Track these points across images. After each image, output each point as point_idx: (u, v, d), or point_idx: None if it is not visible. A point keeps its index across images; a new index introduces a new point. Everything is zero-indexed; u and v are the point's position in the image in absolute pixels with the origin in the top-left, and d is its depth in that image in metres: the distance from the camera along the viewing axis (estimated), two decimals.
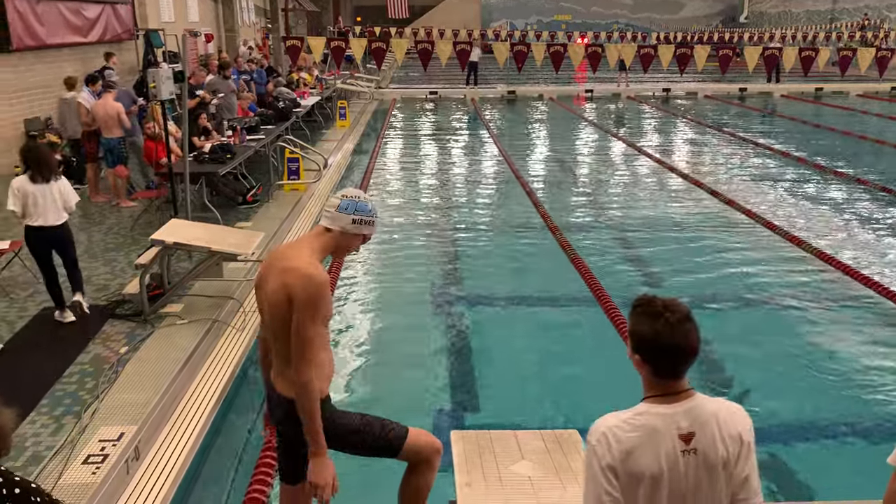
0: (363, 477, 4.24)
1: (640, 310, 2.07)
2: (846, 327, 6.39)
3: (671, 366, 2.03)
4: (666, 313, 2.01)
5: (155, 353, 5.23)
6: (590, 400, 5.17)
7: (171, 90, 7.55)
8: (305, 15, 40.89)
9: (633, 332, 2.07)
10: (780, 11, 47.04)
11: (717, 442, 2.01)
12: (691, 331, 2.03)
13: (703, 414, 2.03)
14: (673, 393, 2.05)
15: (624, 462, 1.99)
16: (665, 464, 1.99)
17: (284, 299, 2.70)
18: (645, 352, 2.04)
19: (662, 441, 2.00)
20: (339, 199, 2.85)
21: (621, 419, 2.05)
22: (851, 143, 16.16)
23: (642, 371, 2.08)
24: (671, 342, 1.99)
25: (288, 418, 2.88)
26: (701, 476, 2.01)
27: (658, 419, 2.02)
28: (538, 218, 9.68)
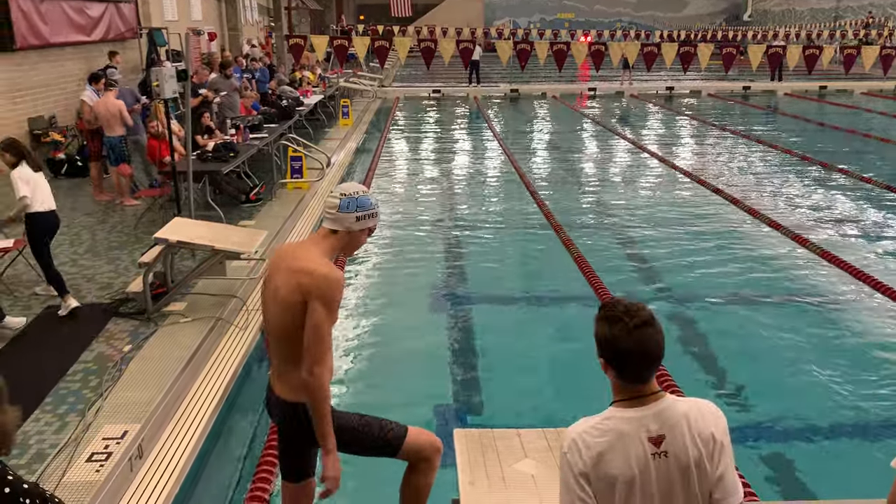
0: (364, 477, 4.24)
1: (602, 313, 2.07)
2: (848, 326, 6.37)
3: (632, 370, 2.02)
4: (625, 318, 2.00)
5: (158, 352, 5.24)
6: (592, 399, 5.15)
7: (174, 89, 7.55)
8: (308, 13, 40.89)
9: (596, 335, 2.07)
10: (783, 9, 46.94)
11: (687, 443, 2.00)
12: (651, 336, 2.00)
13: (673, 416, 2.02)
14: (640, 396, 2.04)
15: (595, 468, 1.99)
16: (636, 467, 1.98)
17: (299, 300, 2.69)
18: (606, 356, 2.04)
19: (632, 445, 1.99)
20: (339, 199, 2.78)
21: (589, 425, 2.05)
22: (856, 141, 16.11)
23: (608, 375, 2.07)
24: (628, 347, 1.99)
25: (287, 419, 2.88)
26: (674, 478, 2.00)
27: (626, 423, 2.01)
28: (541, 216, 9.68)
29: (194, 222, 6.68)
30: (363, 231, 2.83)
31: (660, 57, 24.65)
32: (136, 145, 10.12)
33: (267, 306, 2.86)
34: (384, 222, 9.59)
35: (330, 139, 15.25)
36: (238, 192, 9.66)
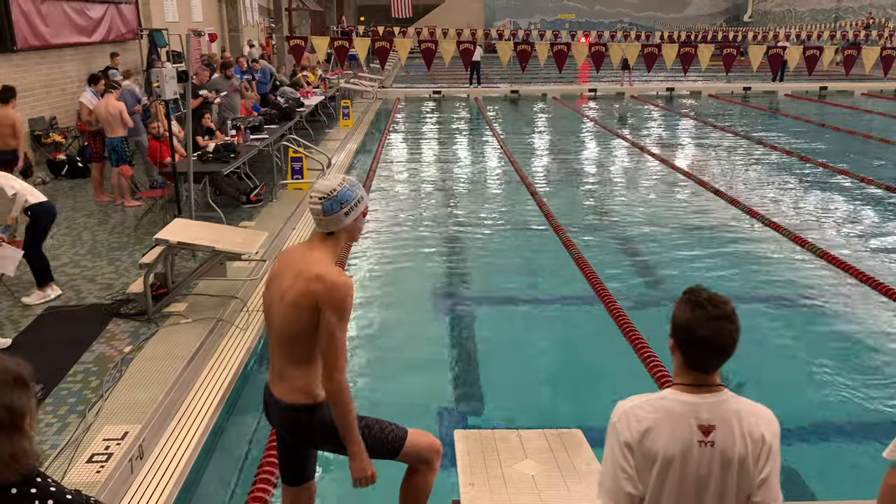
0: None
1: (685, 297, 2.07)
2: (848, 326, 6.37)
3: (700, 358, 2.04)
4: (707, 306, 2.01)
5: (159, 352, 5.24)
6: (593, 399, 5.17)
7: (174, 90, 7.56)
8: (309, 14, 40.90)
9: (673, 316, 2.08)
10: (784, 10, 46.95)
11: (736, 439, 2.01)
12: (728, 330, 2.01)
13: (727, 410, 2.04)
14: (699, 384, 2.06)
15: (640, 441, 2.02)
16: (679, 449, 2.01)
17: (310, 306, 2.68)
18: (678, 338, 2.05)
19: (680, 427, 2.02)
20: (321, 203, 2.71)
21: (643, 400, 2.09)
22: (856, 141, 16.12)
23: (674, 357, 2.09)
24: (703, 335, 1.99)
25: (286, 422, 2.87)
26: (714, 470, 2.02)
27: (679, 406, 2.04)
28: (541, 216, 9.68)
29: (195, 223, 6.69)
30: (357, 219, 2.81)
31: (660, 58, 24.66)
32: (137, 146, 10.14)
33: (271, 308, 2.84)
34: (385, 223, 9.60)
35: (330, 140, 15.26)
36: (238, 193, 9.66)
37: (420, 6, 49.32)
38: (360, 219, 2.82)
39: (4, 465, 1.70)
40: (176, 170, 7.70)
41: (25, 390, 1.77)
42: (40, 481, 1.75)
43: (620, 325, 6.11)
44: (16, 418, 1.72)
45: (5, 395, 1.71)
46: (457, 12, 48.86)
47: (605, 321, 6.30)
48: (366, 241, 8.73)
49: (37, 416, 1.85)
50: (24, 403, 1.75)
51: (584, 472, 3.36)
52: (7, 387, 1.73)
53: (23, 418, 1.74)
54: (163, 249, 5.83)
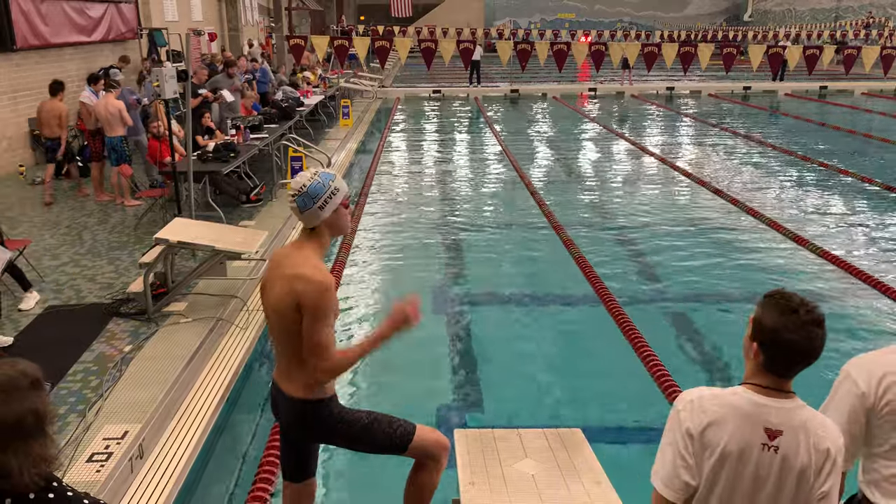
0: (369, 474, 4.25)
1: (774, 301, 2.03)
2: (848, 325, 6.37)
3: (785, 363, 2.01)
4: (800, 310, 1.98)
5: (159, 352, 5.24)
6: (593, 398, 5.18)
7: (174, 89, 7.56)
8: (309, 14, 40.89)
9: (759, 320, 2.03)
10: (784, 9, 46.95)
11: (801, 449, 1.99)
12: (819, 336, 1.99)
13: (797, 418, 2.01)
14: (774, 388, 2.03)
15: (703, 432, 2.01)
16: (740, 447, 1.99)
17: (293, 305, 2.70)
18: (764, 342, 2.01)
19: (746, 426, 2.00)
20: (295, 202, 2.73)
21: (712, 393, 2.07)
22: (856, 141, 16.11)
23: (754, 360, 2.05)
24: (795, 339, 1.96)
25: (293, 416, 2.89)
26: (772, 475, 2.00)
27: (750, 405, 2.02)
28: (541, 216, 9.68)
29: (195, 223, 6.69)
30: (337, 211, 2.79)
31: (660, 57, 24.65)
32: (136, 146, 10.13)
33: (268, 312, 2.88)
34: (384, 222, 9.60)
35: (330, 139, 15.26)
36: (238, 192, 9.66)
37: (420, 5, 49.30)
38: (339, 211, 2.79)
39: (36, 469, 1.69)
40: (176, 169, 7.70)
41: (44, 392, 1.77)
42: (57, 486, 1.75)
43: (620, 325, 6.11)
44: (41, 421, 1.72)
45: (29, 400, 1.70)
46: (457, 11, 48.84)
47: (605, 320, 6.30)
48: (366, 240, 8.73)
49: (55, 417, 1.85)
50: (46, 406, 1.74)
51: (583, 472, 3.36)
52: (28, 391, 1.72)
53: (47, 420, 1.74)
54: (163, 249, 5.83)
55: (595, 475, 3.33)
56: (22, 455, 1.66)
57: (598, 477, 3.32)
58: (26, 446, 1.67)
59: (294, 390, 2.85)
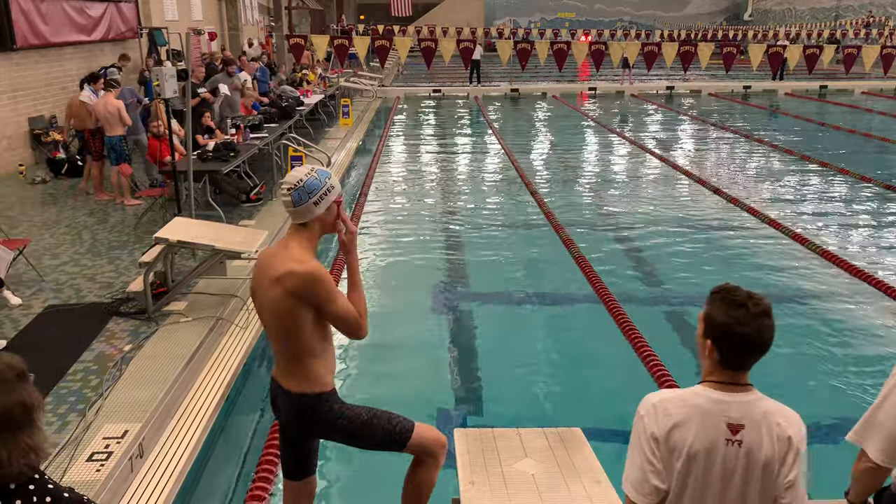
0: (367, 471, 4.25)
1: (721, 296, 2.06)
2: (848, 325, 6.37)
3: (739, 356, 2.03)
4: (748, 304, 2.00)
5: (159, 351, 5.24)
6: (593, 398, 5.18)
7: (174, 88, 7.55)
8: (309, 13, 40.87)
9: (709, 316, 2.05)
10: (784, 9, 46.94)
11: (764, 440, 2.01)
12: (768, 326, 2.01)
13: (757, 410, 2.03)
14: (731, 383, 2.05)
15: (667, 435, 2.02)
16: (705, 445, 2.01)
17: (294, 303, 2.71)
18: (716, 338, 2.03)
19: (709, 424, 2.01)
20: (289, 195, 2.74)
21: (673, 395, 2.09)
22: (856, 140, 16.11)
23: (709, 357, 2.07)
24: (746, 333, 1.98)
25: (293, 412, 2.89)
26: (739, 469, 2.02)
27: (710, 403, 2.03)
28: (541, 215, 9.68)
29: (195, 222, 6.68)
30: (330, 208, 2.81)
31: (660, 56, 24.64)
32: (136, 145, 10.12)
33: (262, 315, 2.90)
34: (384, 221, 9.60)
35: (330, 139, 15.25)
36: (238, 191, 9.66)
37: (420, 5, 49.27)
38: (332, 208, 2.81)
39: (25, 460, 1.71)
40: (176, 168, 7.70)
41: (29, 383, 1.78)
42: (38, 478, 1.76)
43: (620, 324, 6.11)
44: (29, 412, 1.74)
45: (16, 392, 1.72)
46: (457, 11, 48.81)
47: (604, 320, 6.30)
48: (365, 239, 8.73)
49: (43, 408, 1.87)
50: (33, 396, 1.76)
51: (583, 471, 3.36)
52: (15, 383, 1.73)
53: (35, 411, 1.75)
54: (163, 248, 5.83)
55: (595, 474, 3.34)
56: (11, 445, 1.68)
57: (598, 476, 3.32)
58: (14, 437, 1.69)
59: (294, 386, 2.86)
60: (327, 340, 2.87)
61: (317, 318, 2.77)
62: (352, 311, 2.80)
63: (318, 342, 2.82)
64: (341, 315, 2.78)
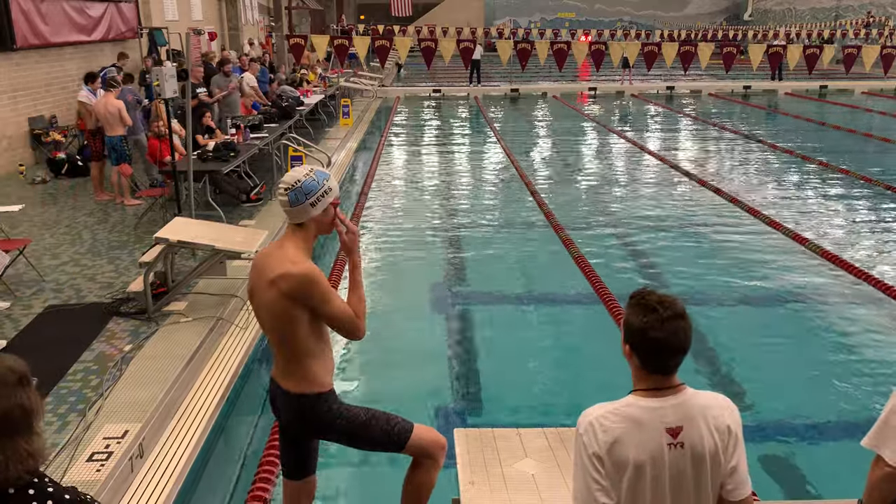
0: (367, 472, 4.25)
1: (635, 301, 2.09)
2: (848, 325, 6.37)
3: (657, 360, 2.05)
4: (659, 308, 2.02)
5: (159, 351, 5.24)
6: (593, 398, 5.16)
7: (174, 88, 7.55)
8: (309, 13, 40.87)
9: (626, 322, 2.10)
10: (784, 9, 46.93)
11: (704, 435, 2.03)
12: (682, 328, 2.02)
13: (692, 409, 2.05)
14: (661, 388, 2.06)
15: (609, 451, 2.02)
16: (650, 455, 2.01)
17: (289, 305, 2.72)
18: (633, 343, 2.07)
19: (648, 433, 2.02)
20: (286, 196, 2.76)
21: (607, 409, 2.08)
22: (856, 140, 16.11)
23: (631, 362, 2.11)
24: (659, 336, 2.00)
25: (293, 412, 2.89)
26: (687, 469, 2.03)
27: (644, 412, 2.04)
28: (541, 216, 9.68)
29: (195, 222, 6.68)
30: (327, 210, 2.81)
31: (660, 56, 24.64)
32: (136, 145, 10.12)
33: (259, 315, 2.90)
34: (384, 221, 9.60)
35: (330, 139, 15.25)
36: (238, 191, 9.66)
37: (420, 5, 49.27)
38: (329, 210, 2.82)
39: (23, 465, 1.70)
40: (176, 168, 7.70)
41: (30, 388, 1.78)
42: (37, 482, 1.75)
43: (620, 325, 6.10)
44: (28, 417, 1.73)
45: (16, 395, 1.71)
46: (457, 11, 48.81)
47: (604, 320, 6.30)
48: (365, 239, 8.73)
49: (42, 412, 1.86)
50: (34, 401, 1.75)
51: None
52: (16, 387, 1.72)
53: (35, 416, 1.74)
54: (163, 248, 5.83)
55: None
56: (9, 450, 1.68)
57: None
58: (13, 442, 1.69)
59: (294, 386, 2.86)
60: (325, 341, 2.88)
61: (313, 319, 2.77)
62: (348, 312, 2.79)
63: (316, 343, 2.82)
64: (337, 316, 2.78)
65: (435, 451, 3.05)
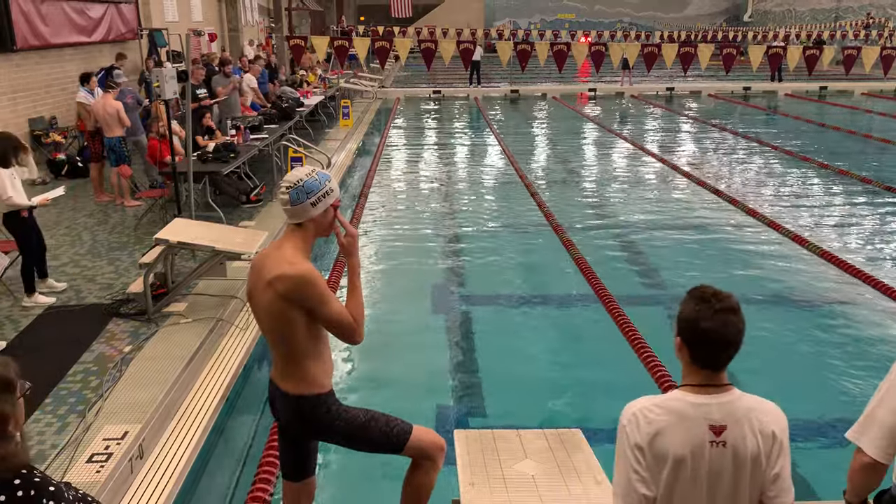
0: (366, 474, 4.25)
1: (691, 294, 2.09)
2: (848, 326, 6.37)
3: (707, 353, 2.04)
4: (712, 299, 2.03)
5: (159, 352, 5.24)
6: (593, 399, 5.18)
7: (174, 89, 7.56)
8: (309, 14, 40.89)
9: (680, 314, 2.09)
10: (784, 10, 46.94)
11: (748, 438, 2.03)
12: (732, 322, 2.03)
13: (738, 409, 2.05)
14: (709, 384, 2.06)
15: (651, 443, 2.03)
16: (691, 450, 2.02)
17: (286, 306, 2.71)
18: (685, 334, 2.06)
19: (692, 428, 2.02)
20: (287, 194, 2.75)
21: (653, 402, 2.09)
22: (856, 141, 16.11)
23: (682, 356, 2.10)
24: (709, 327, 2.00)
25: (291, 413, 2.89)
26: (726, 469, 2.03)
27: (690, 407, 2.04)
28: (541, 216, 9.68)
29: (195, 223, 6.69)
30: (327, 211, 2.81)
31: (660, 57, 24.65)
32: (136, 146, 10.12)
33: (258, 317, 2.90)
34: (385, 222, 9.60)
35: (330, 140, 15.26)
36: (238, 192, 9.66)
37: (420, 6, 49.28)
38: (329, 211, 2.81)
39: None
40: (176, 169, 7.70)
41: (10, 394, 1.79)
42: (25, 472, 1.76)
43: (620, 325, 6.11)
44: (4, 423, 1.74)
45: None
46: (457, 12, 48.82)
47: (604, 321, 6.30)
48: (366, 240, 8.73)
49: (23, 417, 1.87)
50: (6, 409, 1.76)
51: (583, 472, 3.36)
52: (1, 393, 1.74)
53: (6, 423, 1.75)
54: (163, 249, 5.83)
55: (595, 475, 3.34)
56: None
57: (598, 477, 3.32)
58: None
59: (291, 387, 2.86)
60: (323, 343, 2.87)
61: (311, 321, 2.77)
62: (345, 315, 2.78)
63: (314, 344, 2.82)
64: (334, 318, 2.76)
65: (434, 452, 3.04)
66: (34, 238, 6.19)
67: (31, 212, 6.12)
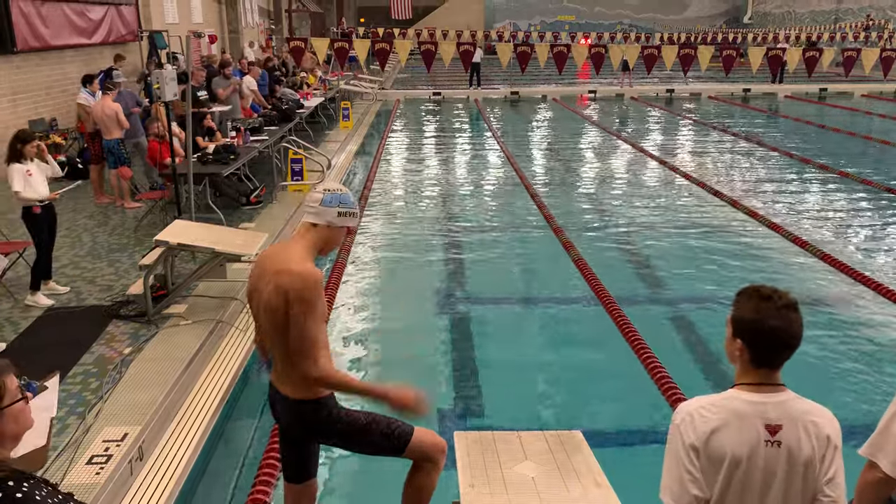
0: (367, 475, 4.25)
1: (747, 294, 2.06)
2: (848, 327, 6.37)
3: (770, 351, 2.02)
4: (774, 297, 2.01)
5: (159, 354, 5.24)
6: (593, 400, 5.17)
7: (174, 91, 7.56)
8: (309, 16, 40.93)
9: (736, 315, 2.06)
10: (784, 12, 46.96)
11: (802, 439, 2.01)
12: (795, 320, 2.01)
13: (793, 410, 2.03)
14: (765, 383, 2.05)
15: (706, 443, 2.00)
16: (746, 449, 2.00)
17: (282, 302, 2.70)
18: (746, 335, 2.03)
19: (747, 427, 2.00)
20: (322, 194, 2.83)
21: (708, 401, 2.07)
22: (856, 143, 16.12)
23: (740, 358, 2.07)
24: (775, 325, 1.98)
25: (291, 417, 2.89)
26: (780, 469, 2.01)
27: (746, 406, 2.03)
28: (541, 218, 9.68)
29: (195, 225, 6.69)
30: (342, 228, 2.87)
31: (660, 59, 24.66)
32: (136, 148, 10.12)
33: (258, 314, 2.89)
34: (385, 224, 9.60)
35: (330, 141, 15.26)
36: (238, 194, 9.66)
37: (420, 8, 49.32)
38: (344, 230, 2.89)
39: None
40: (176, 171, 7.70)
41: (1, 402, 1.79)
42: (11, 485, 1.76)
43: (620, 327, 6.10)
44: None
45: None
46: (457, 14, 48.86)
47: (604, 322, 6.30)
48: (366, 241, 8.73)
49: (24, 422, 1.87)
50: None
51: (583, 474, 3.36)
52: None
53: None
54: (163, 251, 5.83)
55: (595, 477, 3.33)
56: None
57: (598, 479, 3.32)
58: None
59: (290, 390, 2.86)
60: (323, 346, 2.86)
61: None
62: (315, 343, 2.69)
63: None
64: (305, 335, 2.67)
65: (435, 454, 3.04)
66: (45, 234, 6.20)
67: (48, 209, 6.15)
